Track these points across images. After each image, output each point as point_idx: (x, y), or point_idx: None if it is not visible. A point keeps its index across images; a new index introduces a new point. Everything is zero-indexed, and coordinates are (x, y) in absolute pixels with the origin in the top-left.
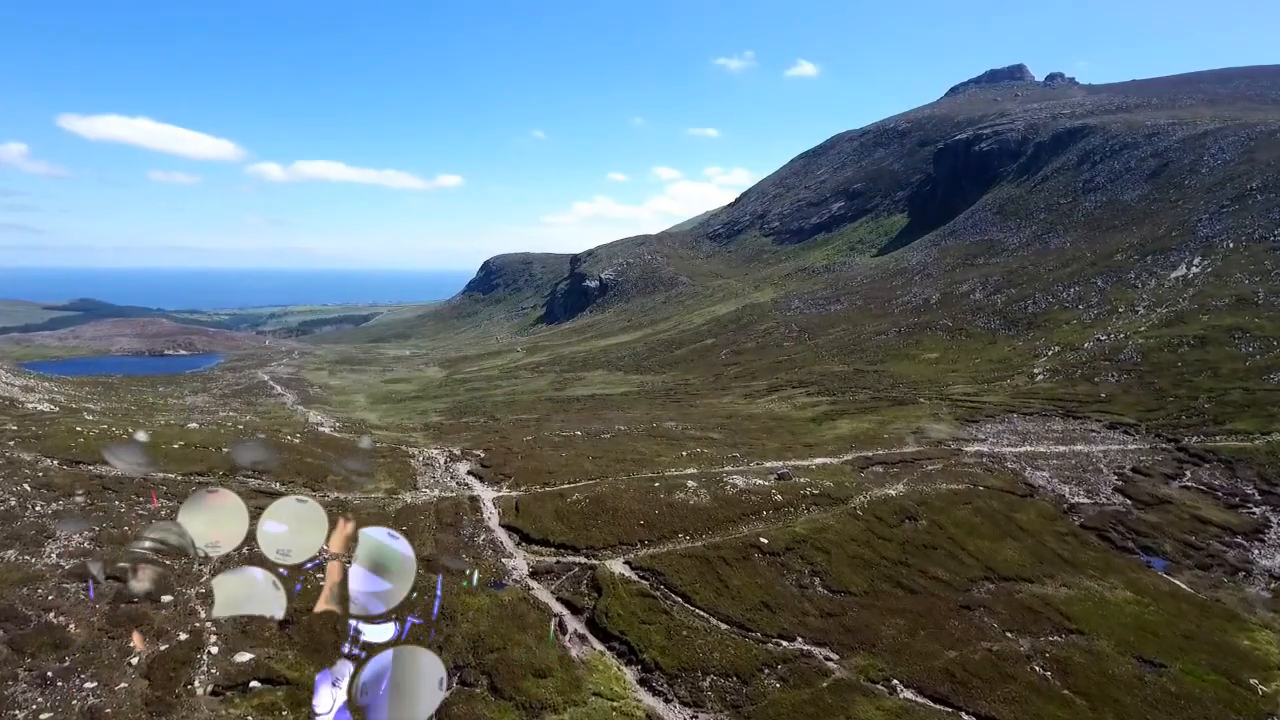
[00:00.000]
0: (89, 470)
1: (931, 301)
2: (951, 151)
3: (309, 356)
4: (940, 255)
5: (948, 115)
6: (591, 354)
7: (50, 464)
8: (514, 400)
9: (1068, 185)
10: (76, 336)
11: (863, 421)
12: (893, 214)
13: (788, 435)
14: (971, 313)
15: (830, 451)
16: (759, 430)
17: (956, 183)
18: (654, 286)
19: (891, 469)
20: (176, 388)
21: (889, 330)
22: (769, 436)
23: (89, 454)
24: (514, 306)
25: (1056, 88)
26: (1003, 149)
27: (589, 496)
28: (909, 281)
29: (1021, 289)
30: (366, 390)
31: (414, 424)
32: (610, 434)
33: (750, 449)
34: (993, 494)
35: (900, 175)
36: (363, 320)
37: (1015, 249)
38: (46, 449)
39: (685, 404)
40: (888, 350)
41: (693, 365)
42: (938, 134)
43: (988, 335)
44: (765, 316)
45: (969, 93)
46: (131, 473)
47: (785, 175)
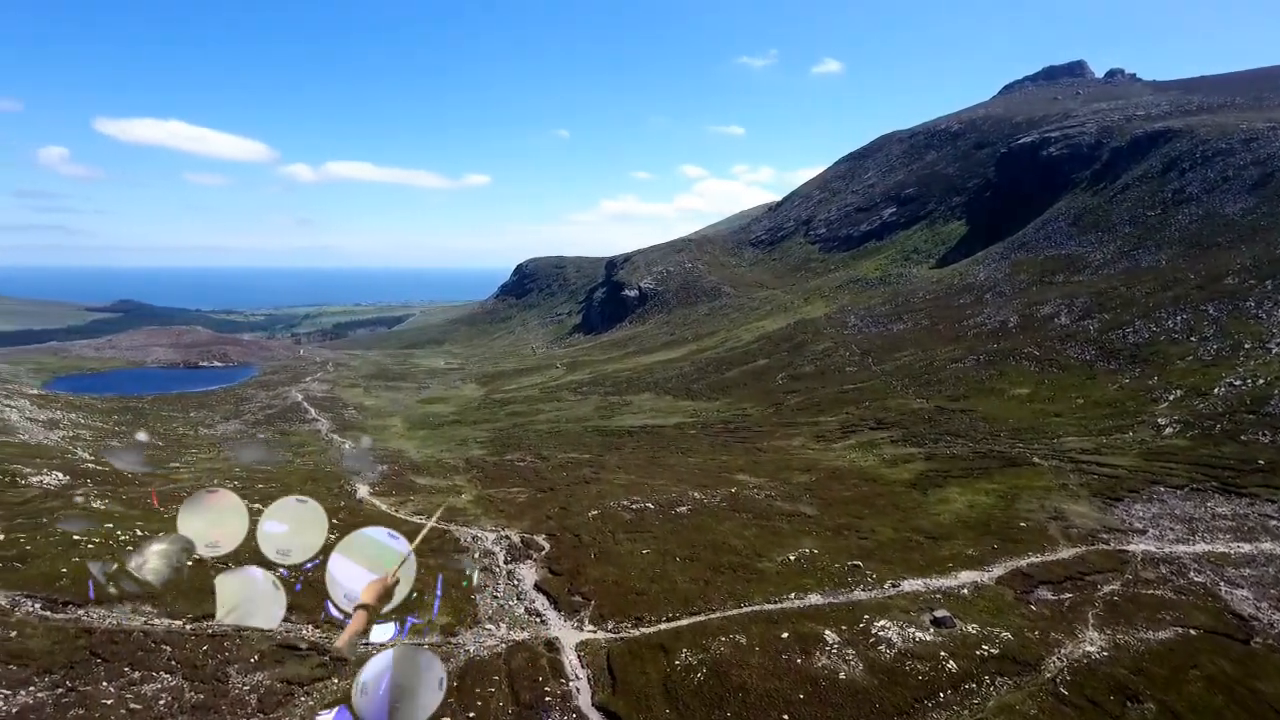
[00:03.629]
0: (77, 620)
1: (1010, 325)
2: (1016, 156)
3: (344, 370)
4: (1012, 270)
5: (1004, 116)
6: (636, 373)
7: (30, 609)
8: (559, 431)
9: (1154, 195)
10: (113, 347)
11: (979, 493)
12: (949, 221)
13: (896, 513)
14: (1060, 340)
15: (973, 560)
16: (858, 503)
17: (1021, 189)
18: (696, 297)
19: (1063, 593)
20: (208, 412)
21: (965, 358)
22: (874, 515)
23: (80, 587)
24: (548, 312)
25: (1119, 85)
26: (1074, 154)
27: (703, 660)
28: (979, 300)
29: (1116, 314)
30: (403, 412)
31: (455, 459)
32: (686, 505)
33: (867, 547)
34: (1212, 645)
35: (955, 179)
36: (395, 322)
37: (1099, 266)
38: (29, 582)
39: (751, 446)
40: (968, 383)
41: (747, 391)
42: (995, 135)
43: (1084, 369)
44: (820, 335)
45: (1025, 91)
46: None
47: (830, 178)
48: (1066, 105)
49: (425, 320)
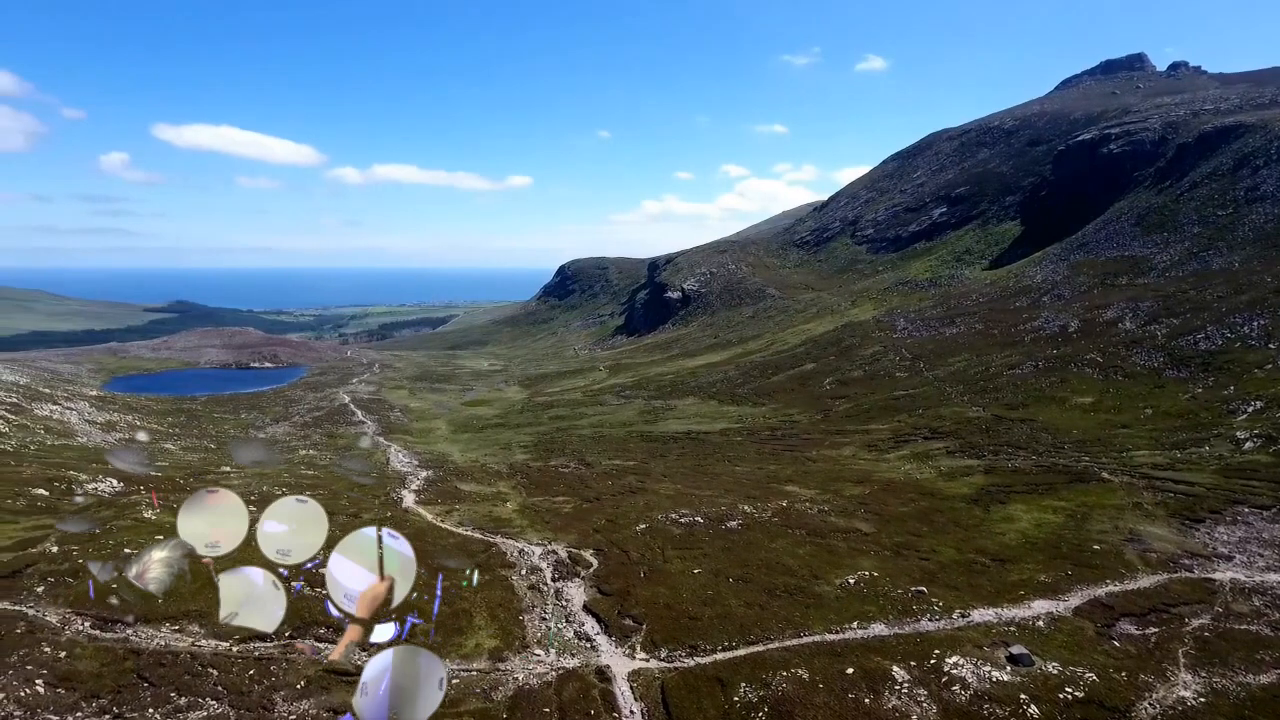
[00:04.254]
0: (125, 640)
1: (1070, 330)
2: (1074, 153)
3: (389, 371)
4: (1071, 273)
5: (1060, 112)
6: (680, 377)
7: (80, 628)
8: (603, 435)
9: (1224, 194)
10: (168, 347)
11: (1046, 511)
12: (1003, 221)
13: (958, 531)
14: (1125, 347)
15: (1047, 588)
16: (916, 519)
17: (1080, 188)
18: (739, 298)
19: (1147, 628)
20: (259, 414)
21: (1023, 364)
22: (934, 534)
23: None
24: (590, 314)
25: (1182, 78)
26: (1137, 151)
27: (763, 697)
28: (1036, 303)
29: (1185, 320)
30: (447, 414)
31: (499, 464)
32: (736, 519)
33: (929, 570)
34: None
35: (1009, 178)
36: (439, 323)
37: (1166, 268)
38: (80, 598)
39: (800, 455)
40: (1027, 390)
41: (793, 396)
42: (1051, 132)
43: (1151, 377)
44: (869, 338)
45: (1082, 86)
46: (176, 642)
47: (877, 178)
48: (1126, 100)
49: (468, 321)
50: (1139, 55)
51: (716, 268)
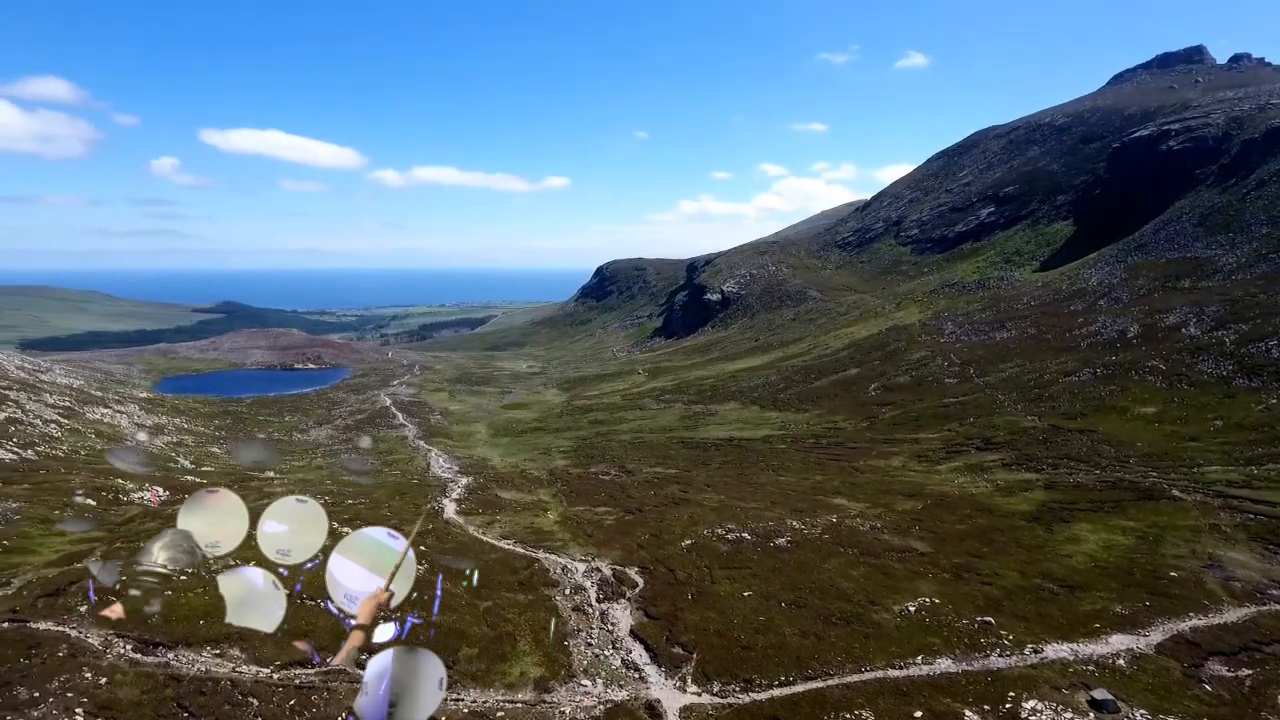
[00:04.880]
0: (166, 665)
1: (1129, 335)
2: (1130, 150)
3: (429, 373)
4: (1128, 275)
5: (1114, 107)
6: (720, 381)
7: (121, 650)
8: (643, 441)
9: None
10: (215, 349)
11: (1114, 531)
12: (1053, 221)
13: (1020, 553)
14: (1190, 354)
15: (1124, 621)
16: (974, 538)
17: (1137, 187)
18: (780, 301)
19: (1240, 669)
20: (302, 416)
21: (1080, 371)
22: (995, 555)
23: (172, 626)
24: (628, 314)
25: (1245, 71)
26: (1198, 147)
27: None
28: (1092, 307)
29: (1256, 325)
30: (487, 418)
31: (538, 469)
32: (784, 536)
33: (994, 597)
34: None
35: (1060, 177)
36: (478, 323)
37: (1232, 271)
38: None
39: (847, 465)
40: (1085, 399)
41: (838, 402)
42: (1104, 129)
43: (1220, 386)
44: (915, 343)
45: (1138, 80)
46: (216, 668)
47: (921, 177)
48: (1185, 95)
49: (507, 322)
50: (1198, 48)
51: (756, 269)
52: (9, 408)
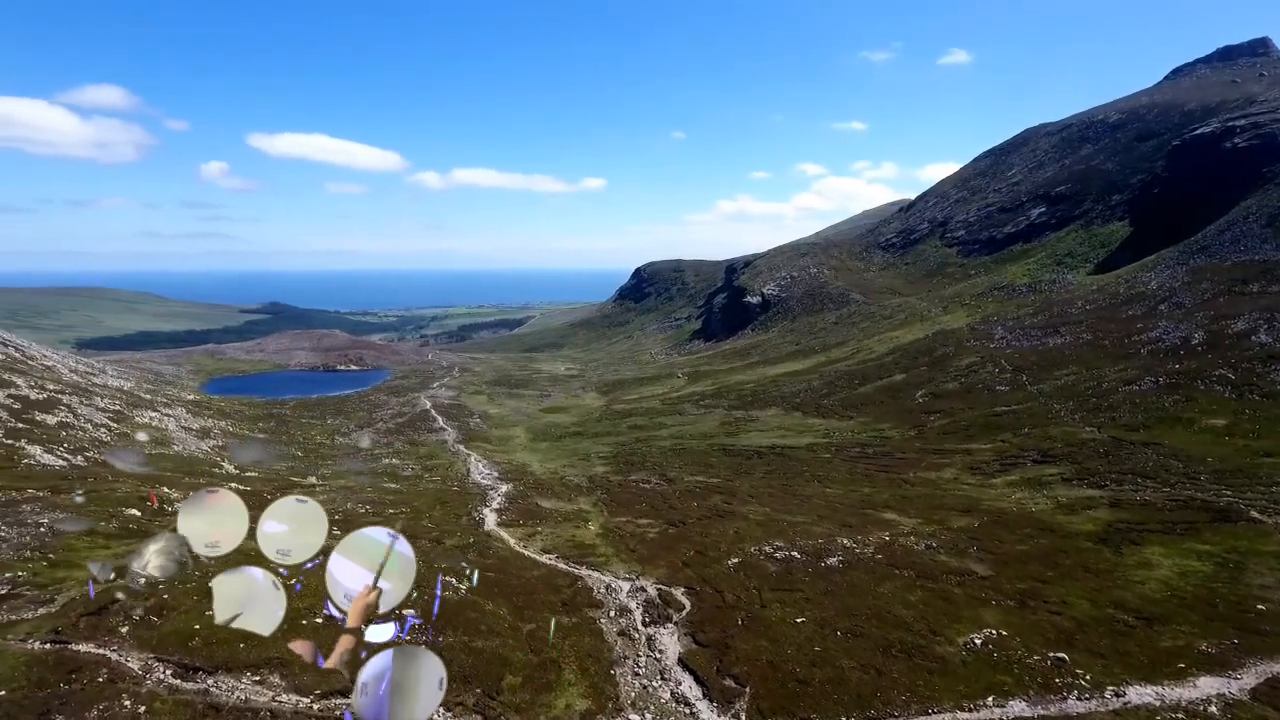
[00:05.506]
0: (205, 693)
1: (1194, 342)
2: (1191, 148)
3: (468, 375)
4: (1191, 278)
5: (1172, 103)
6: (761, 386)
7: (161, 676)
8: (683, 448)
9: None
10: (261, 350)
11: (1188, 556)
12: (1108, 222)
13: (1088, 578)
14: (1261, 362)
15: (1211, 660)
16: (1037, 560)
17: (1198, 186)
18: (821, 303)
19: None
20: (344, 419)
21: (1141, 380)
22: (1061, 580)
23: (212, 650)
24: (666, 316)
25: None
26: (1266, 144)
27: None
28: (1151, 311)
29: None
30: (525, 421)
31: (578, 476)
32: (836, 555)
33: (1064, 629)
34: None
35: (1115, 176)
36: (516, 324)
37: None
38: (163, 641)
39: (896, 476)
40: (1148, 409)
41: (883, 409)
42: (1161, 126)
43: None
44: (963, 348)
45: (1197, 74)
46: (256, 696)
47: (968, 176)
48: (1249, 89)
49: (545, 323)
50: (1262, 40)
51: (797, 271)
52: (61, 412)
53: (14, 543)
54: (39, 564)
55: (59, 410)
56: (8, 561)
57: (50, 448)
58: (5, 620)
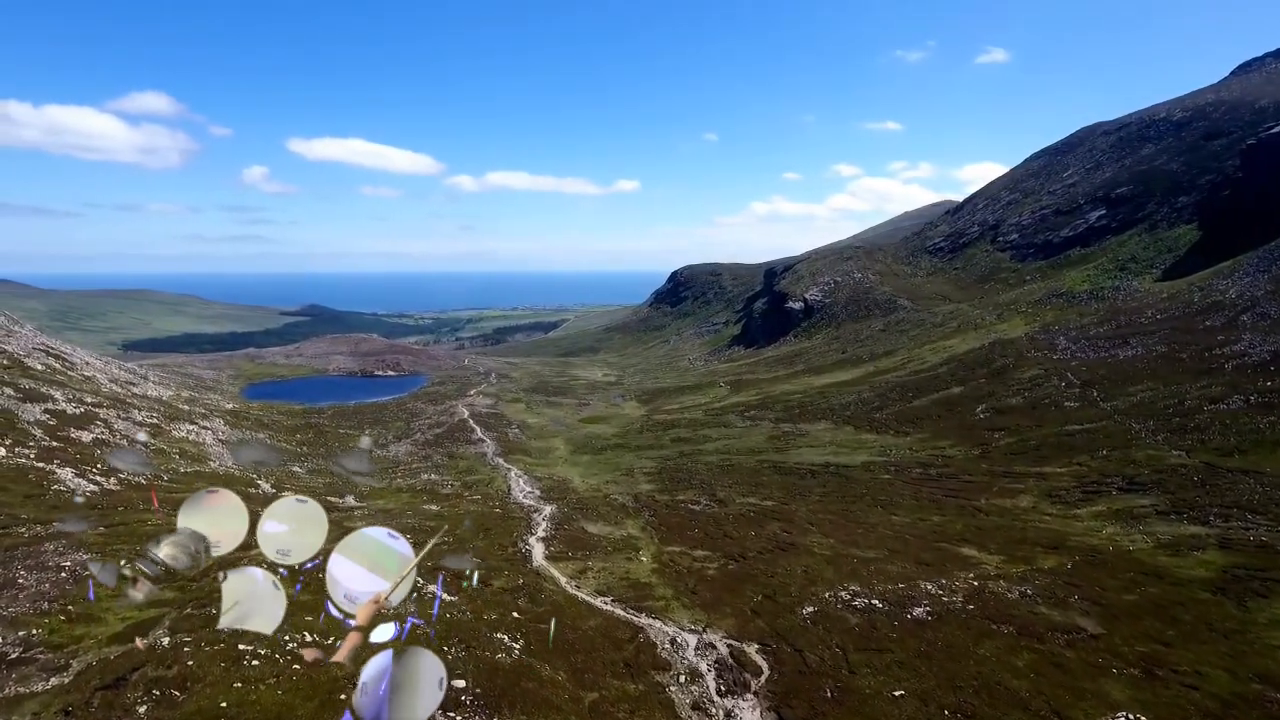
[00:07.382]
0: None
1: None
2: (1268, 147)
3: (505, 381)
4: (1275, 286)
5: (1242, 100)
6: (808, 397)
7: None
8: (731, 465)
9: None
10: (300, 354)
11: None
12: (1175, 225)
13: (1216, 640)
14: None
15: None
16: (1150, 614)
17: (1276, 187)
18: (867, 310)
19: None
20: (382, 430)
21: (1228, 398)
22: (1185, 642)
23: None
24: (703, 321)
25: None
26: None
27: None
28: (1232, 322)
29: None
30: (565, 432)
31: (622, 494)
32: (922, 604)
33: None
34: None
35: (1180, 176)
36: (550, 327)
37: None
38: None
39: (966, 503)
40: (1241, 431)
41: (942, 425)
42: (1231, 124)
43: None
44: (1023, 359)
45: (1267, 70)
46: None
47: (1020, 177)
48: None
49: (580, 326)
50: None
51: (840, 276)
52: (98, 428)
53: (32, 591)
54: (56, 619)
55: (95, 426)
56: (24, 617)
57: (83, 470)
58: (13, 694)
